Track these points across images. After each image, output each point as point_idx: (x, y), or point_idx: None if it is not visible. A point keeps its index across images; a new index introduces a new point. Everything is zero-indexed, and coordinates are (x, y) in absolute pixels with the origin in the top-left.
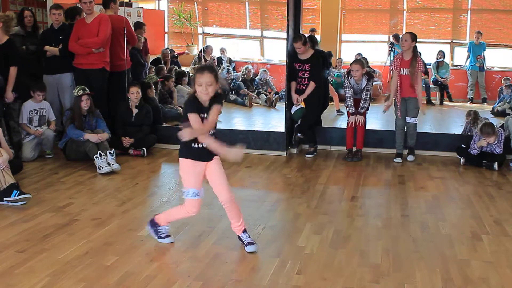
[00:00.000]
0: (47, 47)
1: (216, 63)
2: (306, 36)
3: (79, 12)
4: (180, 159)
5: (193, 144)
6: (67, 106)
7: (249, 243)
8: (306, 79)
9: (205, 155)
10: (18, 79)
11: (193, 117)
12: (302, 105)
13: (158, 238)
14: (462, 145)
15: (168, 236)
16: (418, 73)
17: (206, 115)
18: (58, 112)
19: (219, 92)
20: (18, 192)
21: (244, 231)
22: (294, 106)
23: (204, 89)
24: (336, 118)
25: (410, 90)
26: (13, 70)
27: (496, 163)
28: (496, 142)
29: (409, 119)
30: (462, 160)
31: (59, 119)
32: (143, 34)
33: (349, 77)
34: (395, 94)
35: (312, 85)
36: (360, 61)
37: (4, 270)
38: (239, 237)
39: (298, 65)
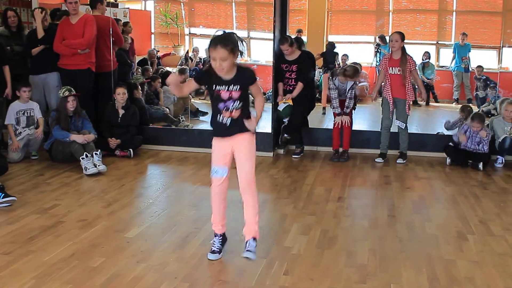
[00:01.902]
0: (33, 50)
1: (202, 64)
2: (292, 37)
3: (65, 13)
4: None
5: (218, 118)
6: (53, 106)
7: (249, 251)
8: (293, 80)
9: (229, 131)
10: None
11: (190, 82)
12: (290, 102)
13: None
14: (450, 143)
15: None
16: (413, 70)
17: (224, 88)
18: (44, 112)
19: (245, 67)
20: (3, 194)
21: (254, 239)
22: (281, 103)
23: (218, 64)
24: (323, 119)
25: (400, 90)
26: (6, 69)
27: (482, 163)
28: (485, 139)
29: (398, 123)
30: (448, 160)
31: (45, 120)
32: (128, 34)
33: (334, 79)
34: (378, 89)
35: (300, 86)
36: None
37: None
38: (247, 243)
39: (285, 66)
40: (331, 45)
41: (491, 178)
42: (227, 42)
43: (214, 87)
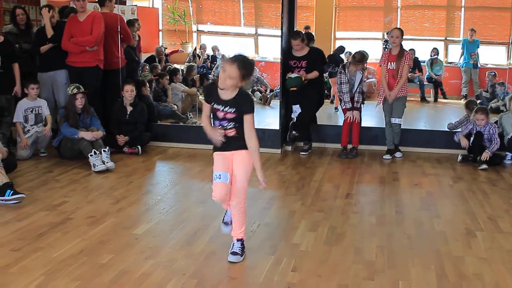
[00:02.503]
0: (42, 48)
1: (210, 61)
2: (304, 33)
3: (73, 11)
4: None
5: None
6: (61, 103)
7: (234, 253)
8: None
9: (225, 147)
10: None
11: (204, 105)
12: (301, 74)
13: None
14: (468, 154)
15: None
16: (405, 65)
17: (220, 108)
18: (52, 110)
19: (246, 93)
20: (12, 191)
21: (240, 241)
22: (290, 73)
23: (224, 79)
24: (331, 115)
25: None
26: (16, 67)
27: (485, 165)
28: (494, 136)
29: (394, 120)
30: (459, 157)
31: (53, 117)
32: (136, 31)
33: (345, 71)
34: (385, 85)
35: (315, 73)
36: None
37: None
38: (232, 244)
39: (293, 62)
40: (340, 50)
41: (500, 175)
42: (244, 65)
43: (213, 104)
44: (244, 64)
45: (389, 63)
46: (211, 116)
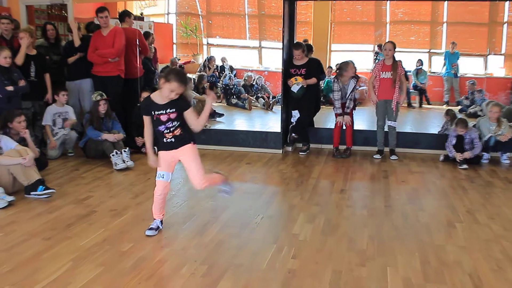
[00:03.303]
0: (70, 59)
1: (219, 71)
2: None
3: (97, 27)
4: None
5: (164, 140)
6: (86, 109)
7: (228, 191)
8: None
9: (174, 146)
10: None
11: (145, 119)
12: (300, 81)
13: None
14: (448, 155)
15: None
16: (402, 75)
17: (162, 112)
18: (78, 114)
19: (181, 96)
20: (44, 187)
21: (223, 183)
22: (295, 85)
23: (168, 94)
24: (327, 119)
25: (390, 92)
26: (47, 77)
27: (465, 165)
28: (475, 140)
29: (390, 123)
30: (441, 157)
31: (79, 121)
32: (151, 44)
33: (338, 80)
34: (372, 92)
35: (313, 79)
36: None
37: (32, 256)
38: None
39: (294, 70)
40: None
41: (478, 173)
42: (186, 81)
43: (153, 112)
44: (186, 80)
45: (383, 72)
46: (155, 125)
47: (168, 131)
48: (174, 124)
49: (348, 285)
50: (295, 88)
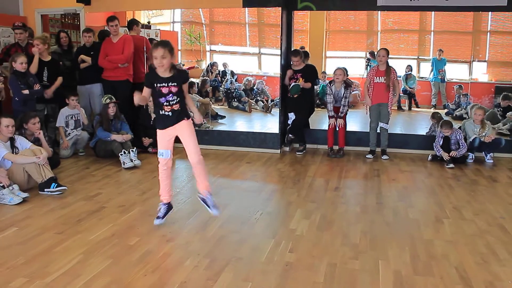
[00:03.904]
0: (82, 56)
1: (221, 76)
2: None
3: (107, 34)
4: (157, 131)
5: (161, 111)
6: (96, 111)
7: (214, 206)
8: None
9: (171, 121)
10: (57, 89)
11: (145, 90)
12: (299, 82)
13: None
14: (436, 155)
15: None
16: (395, 80)
17: (164, 84)
18: (89, 116)
19: (181, 69)
20: (56, 184)
21: (209, 194)
22: (292, 83)
23: (159, 61)
24: (322, 121)
25: (383, 96)
26: (60, 79)
27: (452, 164)
28: (461, 141)
29: (382, 124)
30: (430, 157)
31: (90, 123)
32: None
33: (331, 85)
34: (367, 95)
35: (308, 84)
36: (342, 68)
37: (45, 249)
38: (203, 199)
39: (292, 74)
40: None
41: (463, 172)
42: (166, 44)
43: (156, 84)
44: (164, 43)
45: (377, 77)
46: (154, 97)
47: (167, 103)
48: (173, 98)
49: (342, 277)
50: (292, 85)
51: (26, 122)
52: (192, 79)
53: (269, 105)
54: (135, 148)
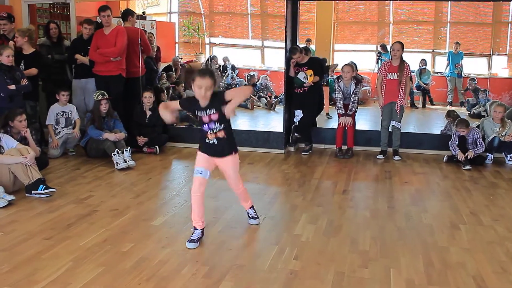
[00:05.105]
0: (77, 56)
1: (221, 71)
2: (301, 46)
3: (101, 26)
4: (198, 152)
5: (206, 140)
6: (90, 108)
7: (252, 218)
8: None
9: (216, 152)
10: (45, 84)
11: (175, 104)
12: (308, 73)
13: None
14: (452, 155)
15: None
16: (407, 77)
17: (203, 114)
18: (83, 114)
19: (216, 92)
20: (44, 186)
21: (251, 207)
22: (301, 72)
23: (204, 92)
24: (330, 119)
25: (396, 93)
26: (34, 70)
27: (469, 165)
28: (478, 140)
29: (394, 123)
30: (445, 158)
31: (83, 120)
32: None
33: (339, 81)
34: (380, 94)
35: (316, 78)
36: (350, 64)
37: (32, 255)
38: (247, 212)
39: (296, 69)
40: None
41: (481, 174)
42: (213, 74)
43: (196, 112)
44: (212, 73)
45: (390, 73)
46: (199, 123)
47: (211, 131)
48: (216, 126)
49: (350, 287)
50: (300, 76)
51: (12, 119)
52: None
53: (273, 101)
54: (129, 147)
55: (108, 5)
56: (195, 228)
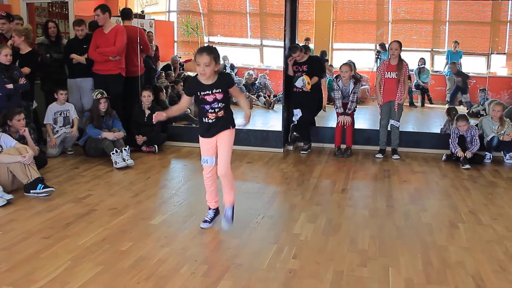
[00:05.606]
0: (73, 55)
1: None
2: (301, 45)
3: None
4: (200, 138)
5: (204, 119)
6: (87, 107)
7: (227, 219)
8: None
9: (216, 129)
10: (43, 83)
11: (184, 99)
12: (305, 77)
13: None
14: (452, 154)
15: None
16: (405, 76)
17: (208, 92)
18: (80, 113)
19: (224, 73)
20: (43, 185)
21: (232, 208)
22: (299, 80)
23: (202, 69)
24: (328, 118)
25: (394, 92)
26: (26, 69)
27: (468, 164)
28: (474, 138)
29: (393, 122)
30: (444, 157)
31: (80, 120)
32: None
33: (338, 80)
34: (379, 93)
35: (315, 79)
36: (349, 64)
37: (31, 255)
38: (225, 211)
39: (295, 67)
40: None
41: (480, 173)
42: (211, 50)
43: (199, 93)
44: (210, 50)
45: (388, 72)
46: (197, 104)
47: (212, 111)
48: (219, 105)
49: (349, 286)
50: (299, 84)
51: (10, 118)
52: (189, 73)
53: (272, 100)
54: (127, 146)
55: (106, 4)
56: (209, 209)
